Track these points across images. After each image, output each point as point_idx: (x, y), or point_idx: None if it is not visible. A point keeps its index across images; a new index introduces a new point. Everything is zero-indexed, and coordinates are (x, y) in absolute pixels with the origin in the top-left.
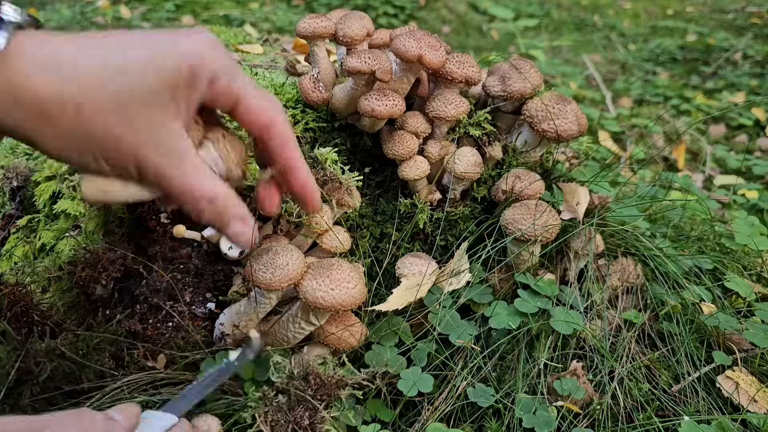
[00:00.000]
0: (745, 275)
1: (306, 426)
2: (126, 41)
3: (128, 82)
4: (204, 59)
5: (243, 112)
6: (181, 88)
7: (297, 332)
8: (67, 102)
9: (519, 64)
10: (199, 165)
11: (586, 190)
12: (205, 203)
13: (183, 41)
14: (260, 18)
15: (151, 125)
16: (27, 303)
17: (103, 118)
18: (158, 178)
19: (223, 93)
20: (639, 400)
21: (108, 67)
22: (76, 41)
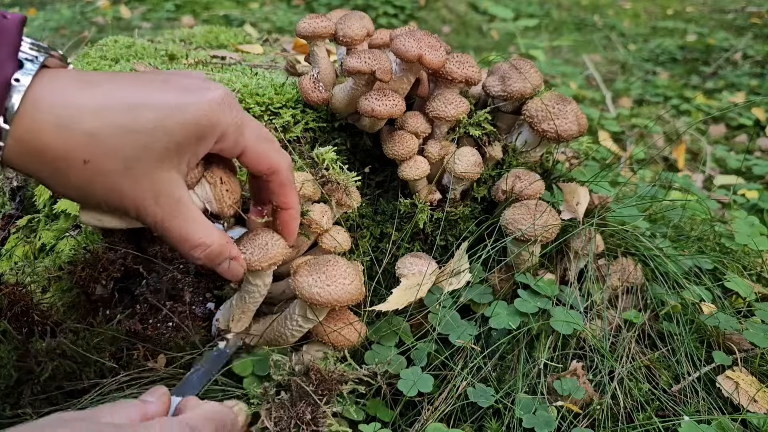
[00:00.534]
0: (745, 275)
1: (308, 421)
2: (139, 97)
3: (136, 144)
4: (213, 121)
5: (248, 160)
6: (188, 147)
7: (295, 330)
8: (77, 158)
9: (519, 64)
10: (195, 216)
11: (586, 190)
12: (199, 252)
13: (193, 105)
14: (260, 18)
15: (153, 179)
16: (27, 303)
17: (109, 174)
18: (156, 225)
19: (229, 148)
20: (639, 400)
21: (118, 128)
22: (91, 93)
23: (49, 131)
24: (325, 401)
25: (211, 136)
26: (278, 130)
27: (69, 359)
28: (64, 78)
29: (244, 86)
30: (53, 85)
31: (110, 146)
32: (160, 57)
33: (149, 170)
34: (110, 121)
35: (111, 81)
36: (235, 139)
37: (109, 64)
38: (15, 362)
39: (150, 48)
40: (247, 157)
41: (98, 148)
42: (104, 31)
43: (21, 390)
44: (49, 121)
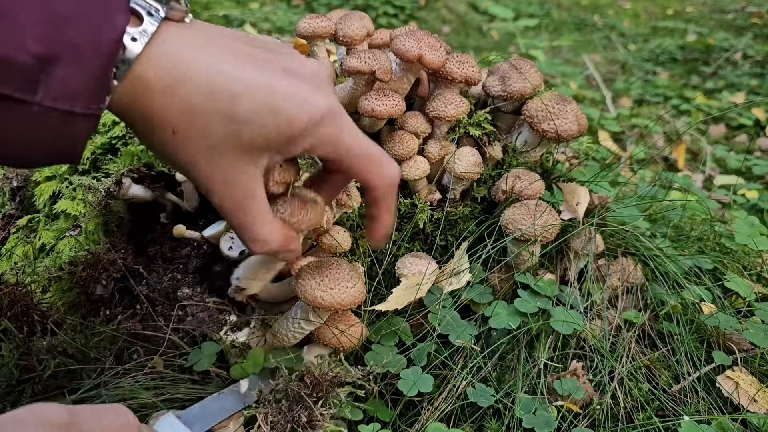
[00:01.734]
0: (745, 275)
1: (304, 424)
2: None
3: (225, 130)
4: (307, 132)
5: (345, 170)
6: (274, 146)
7: (296, 332)
8: (168, 126)
9: (519, 64)
10: (263, 213)
11: (586, 190)
12: (258, 247)
13: (294, 111)
14: (260, 18)
15: (230, 166)
16: (27, 303)
17: (191, 149)
18: (219, 208)
19: (323, 152)
20: (639, 400)
21: (215, 112)
22: (205, 64)
23: (152, 96)
24: (321, 404)
25: (301, 144)
26: None
27: (70, 357)
28: (181, 38)
29: None
30: (170, 47)
31: (202, 126)
32: None
33: (229, 157)
34: (211, 103)
35: (229, 53)
36: (325, 152)
37: None
38: (16, 361)
39: None
40: (344, 167)
41: (191, 124)
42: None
43: (22, 389)
44: (156, 87)
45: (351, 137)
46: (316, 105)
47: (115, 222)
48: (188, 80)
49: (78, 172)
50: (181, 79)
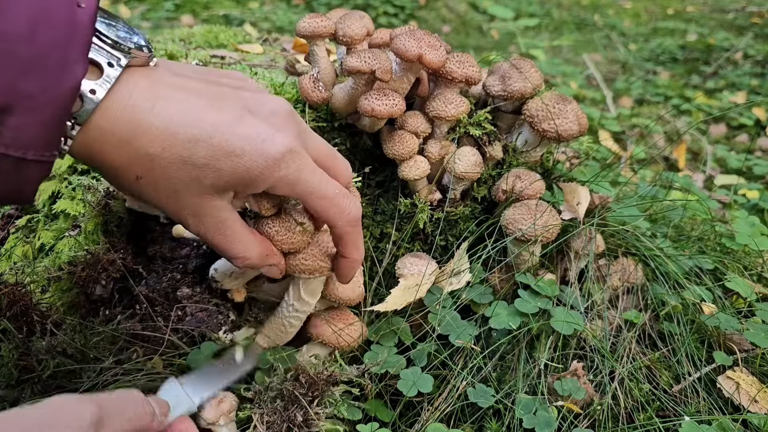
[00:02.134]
0: (745, 275)
1: (300, 423)
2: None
3: (187, 175)
4: (264, 176)
5: (309, 207)
6: (234, 188)
7: (291, 317)
8: (131, 172)
9: (519, 63)
10: (237, 233)
11: (587, 189)
12: (238, 262)
13: (250, 156)
14: (260, 17)
15: (197, 204)
16: (26, 303)
17: (157, 190)
18: (196, 234)
19: (282, 192)
20: (639, 401)
21: (176, 158)
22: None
23: (113, 145)
24: (316, 403)
25: (261, 185)
26: None
27: (69, 357)
28: (139, 87)
29: None
30: (128, 98)
31: (163, 173)
32: (160, 56)
33: (195, 196)
34: (169, 151)
35: (187, 96)
36: (290, 191)
37: None
38: (16, 361)
39: None
40: (307, 206)
41: (153, 170)
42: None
43: (22, 388)
44: (115, 136)
45: (309, 179)
46: (273, 148)
47: (115, 222)
48: (144, 131)
49: (77, 171)
50: (138, 130)
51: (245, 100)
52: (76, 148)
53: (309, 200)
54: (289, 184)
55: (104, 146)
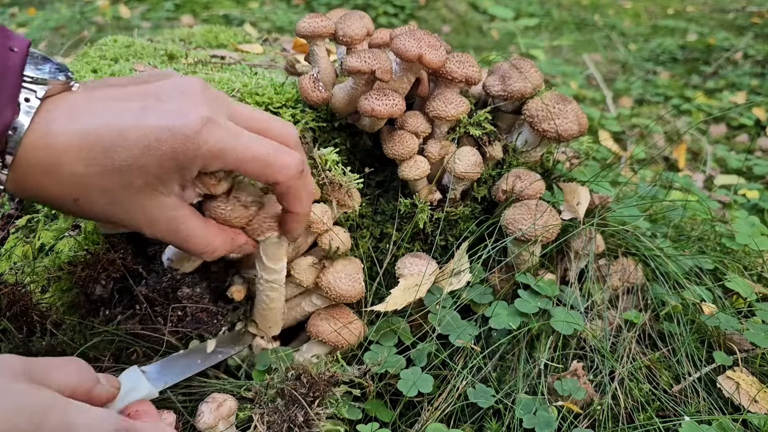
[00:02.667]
0: (745, 275)
1: (301, 423)
2: (115, 133)
3: (117, 181)
4: (189, 154)
5: (245, 173)
6: (170, 177)
7: (266, 290)
8: (67, 198)
9: (519, 63)
10: (194, 229)
11: (587, 190)
12: (207, 256)
13: (169, 139)
14: (260, 17)
15: (142, 207)
16: (26, 303)
17: (100, 206)
18: (157, 239)
19: (216, 167)
20: (639, 401)
21: (99, 168)
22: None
23: (41, 174)
24: (317, 403)
25: (191, 165)
26: None
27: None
28: (55, 114)
29: (243, 86)
30: (45, 127)
31: (95, 185)
32: (160, 56)
33: (136, 201)
34: (92, 161)
35: (94, 110)
36: (222, 163)
37: (108, 64)
38: None
39: (149, 48)
40: (243, 171)
41: (86, 188)
42: (104, 30)
43: None
44: (39, 167)
45: (234, 144)
46: (187, 125)
47: None
48: (65, 153)
49: None
50: (59, 154)
51: (152, 91)
52: (10, 186)
53: (243, 166)
54: (216, 156)
55: (34, 178)
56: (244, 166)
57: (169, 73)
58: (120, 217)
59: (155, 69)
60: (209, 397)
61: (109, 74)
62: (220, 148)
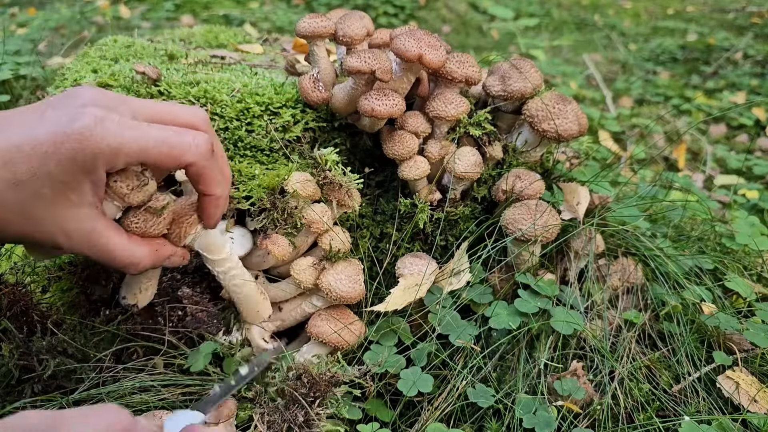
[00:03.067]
0: (745, 275)
1: (301, 423)
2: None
3: (24, 194)
4: (87, 155)
5: (154, 164)
6: (78, 183)
7: (226, 281)
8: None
9: (519, 63)
10: (114, 241)
11: (587, 190)
12: (132, 269)
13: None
14: (260, 17)
15: (56, 220)
16: (27, 302)
17: (14, 224)
18: (81, 254)
19: (122, 163)
20: (639, 401)
21: (3, 184)
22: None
23: None
24: (318, 403)
25: (96, 165)
26: (278, 130)
27: (70, 357)
28: None
29: (243, 86)
30: None
31: (4, 202)
32: (160, 57)
33: (50, 213)
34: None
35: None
36: (125, 156)
37: (108, 64)
38: (16, 361)
39: (149, 48)
40: (152, 164)
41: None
42: (104, 30)
43: (22, 388)
44: None
45: (134, 134)
46: (80, 123)
47: None
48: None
49: None
50: None
51: (45, 103)
52: None
53: (147, 155)
54: (118, 150)
55: None
56: (149, 155)
57: (66, 89)
58: (37, 232)
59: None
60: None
61: (109, 74)
62: (120, 142)
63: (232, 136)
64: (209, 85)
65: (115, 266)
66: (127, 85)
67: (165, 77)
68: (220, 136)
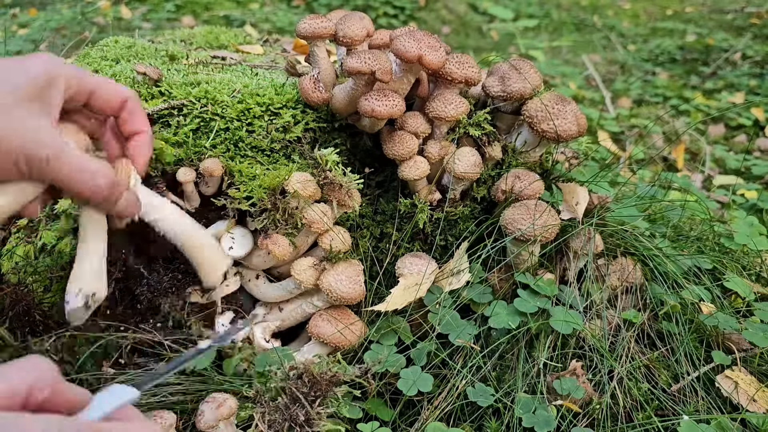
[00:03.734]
0: (744, 275)
1: (302, 422)
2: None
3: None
4: (51, 72)
5: (98, 97)
6: (39, 96)
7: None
8: None
9: (518, 64)
10: (74, 150)
11: (586, 190)
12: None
13: (29, 61)
14: (260, 18)
15: (27, 126)
16: (29, 302)
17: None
18: (47, 167)
19: (78, 93)
20: (638, 400)
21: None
22: None
23: None
24: (318, 403)
25: (56, 83)
26: (279, 131)
27: (66, 362)
28: None
29: (244, 86)
30: None
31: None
32: (161, 57)
33: (17, 116)
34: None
35: None
36: (79, 83)
37: (109, 65)
38: None
39: (150, 48)
40: (97, 97)
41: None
42: (105, 31)
43: None
44: None
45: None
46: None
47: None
48: None
49: None
50: None
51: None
52: None
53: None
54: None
55: None
56: (101, 83)
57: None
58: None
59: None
60: (209, 396)
61: (110, 75)
62: (80, 71)
63: (232, 137)
64: (210, 86)
65: (83, 175)
66: (128, 85)
67: (166, 78)
68: (221, 137)
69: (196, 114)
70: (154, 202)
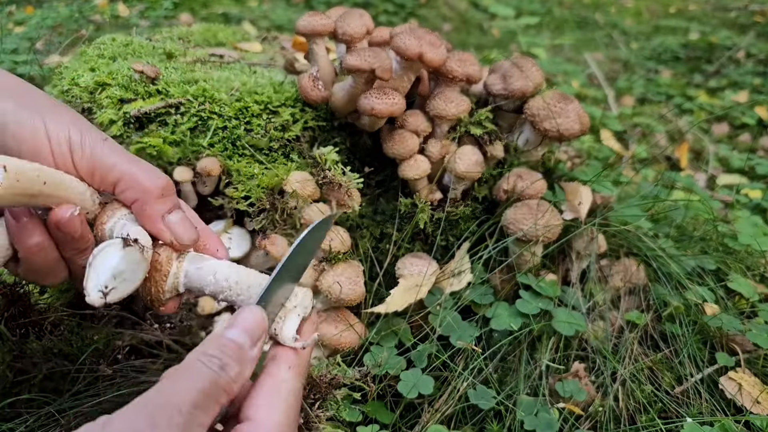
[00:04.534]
0: (748, 276)
1: (301, 425)
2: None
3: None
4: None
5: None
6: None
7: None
8: None
9: (520, 62)
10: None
11: (589, 189)
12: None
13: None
14: (259, 16)
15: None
16: (25, 303)
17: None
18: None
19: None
20: (641, 402)
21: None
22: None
23: None
24: (318, 406)
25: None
26: (277, 129)
27: (67, 358)
28: None
29: (242, 84)
30: None
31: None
32: (158, 55)
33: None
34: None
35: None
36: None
37: (106, 63)
38: (9, 363)
39: (148, 46)
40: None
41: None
42: (102, 29)
43: (18, 391)
44: None
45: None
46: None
47: None
48: None
49: None
50: None
51: None
52: None
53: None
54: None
55: None
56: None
57: None
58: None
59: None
60: None
61: (107, 73)
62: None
63: (230, 135)
64: (208, 84)
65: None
66: (125, 83)
67: (163, 76)
68: (219, 135)
69: (194, 112)
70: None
